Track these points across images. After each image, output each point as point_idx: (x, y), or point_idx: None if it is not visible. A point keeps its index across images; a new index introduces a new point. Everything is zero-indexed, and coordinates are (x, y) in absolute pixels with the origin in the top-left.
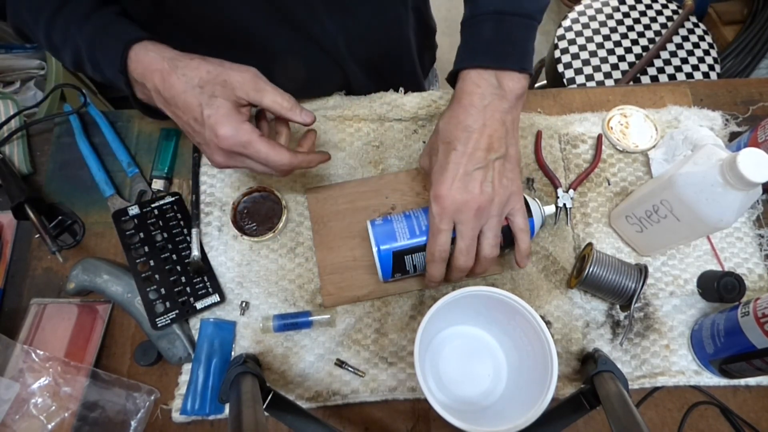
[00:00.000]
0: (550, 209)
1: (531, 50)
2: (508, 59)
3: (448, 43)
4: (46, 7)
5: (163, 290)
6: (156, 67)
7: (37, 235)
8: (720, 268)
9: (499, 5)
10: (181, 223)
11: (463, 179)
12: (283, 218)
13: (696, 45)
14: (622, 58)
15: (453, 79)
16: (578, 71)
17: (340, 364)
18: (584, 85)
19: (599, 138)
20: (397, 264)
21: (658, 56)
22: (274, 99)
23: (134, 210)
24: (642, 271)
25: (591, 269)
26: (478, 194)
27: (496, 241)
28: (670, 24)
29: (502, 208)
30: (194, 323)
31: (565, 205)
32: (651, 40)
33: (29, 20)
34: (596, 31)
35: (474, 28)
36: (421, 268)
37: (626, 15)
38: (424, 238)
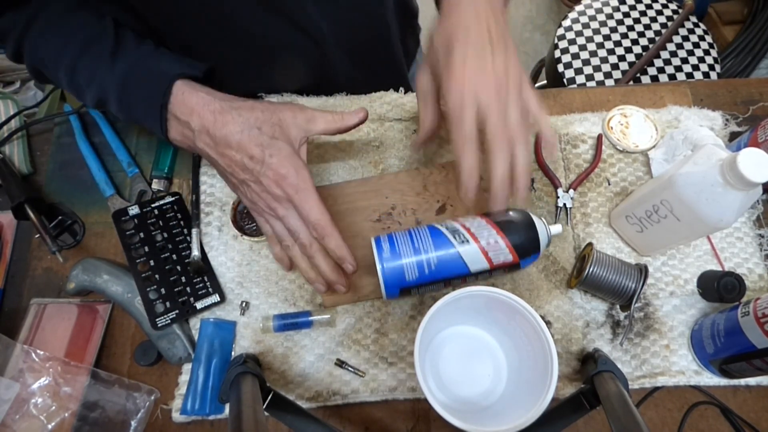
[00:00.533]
0: (556, 229)
1: None
2: None
3: None
4: (69, 50)
5: (163, 290)
6: (208, 106)
7: (37, 235)
8: (720, 268)
9: None
10: (181, 223)
11: (473, 60)
12: None
13: (696, 45)
14: (622, 58)
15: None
16: (578, 71)
17: (340, 364)
18: (584, 85)
19: (599, 138)
20: (403, 293)
21: (658, 56)
22: (326, 119)
23: (134, 210)
24: (642, 271)
25: (591, 269)
26: (491, 72)
27: (523, 115)
28: (670, 24)
29: (519, 88)
30: (194, 323)
31: (565, 205)
32: (651, 40)
33: (49, 63)
34: (596, 31)
35: None
36: (425, 292)
37: (626, 15)
38: (431, 258)
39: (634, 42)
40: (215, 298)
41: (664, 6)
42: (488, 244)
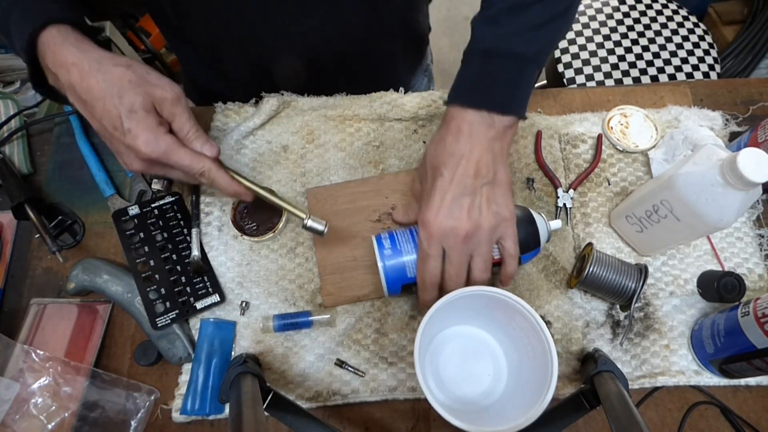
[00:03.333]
0: (556, 224)
1: (521, 92)
2: (492, 101)
3: (448, 43)
4: None
5: (163, 290)
6: (73, 61)
7: (37, 235)
8: (720, 268)
9: (488, 44)
10: (181, 223)
11: (449, 206)
12: (283, 218)
13: (696, 45)
14: (622, 58)
15: None
16: (578, 71)
17: (340, 364)
18: (584, 85)
19: (599, 138)
20: (405, 290)
21: (659, 56)
22: (180, 126)
23: (134, 210)
24: (642, 271)
25: (591, 269)
26: (465, 221)
27: (486, 266)
28: (670, 24)
29: (492, 235)
30: (194, 323)
31: (565, 205)
32: (651, 40)
33: None
34: (596, 31)
35: (465, 64)
36: None
37: (626, 15)
38: None
39: (634, 42)
40: (215, 298)
41: (664, 6)
42: None
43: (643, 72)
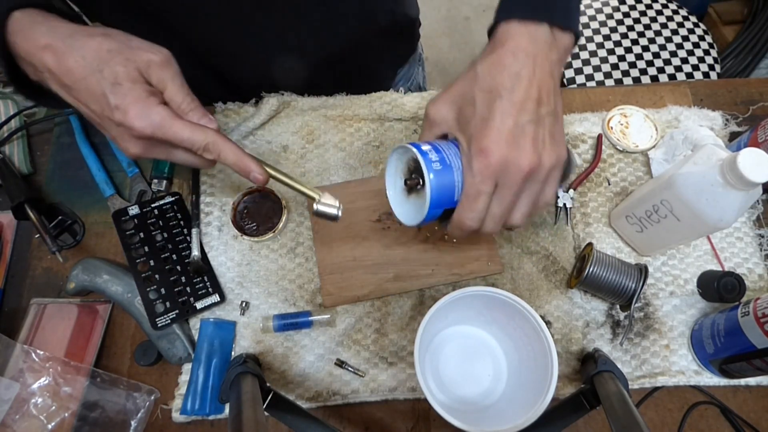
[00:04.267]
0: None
1: (577, 5)
2: (554, 12)
3: (448, 43)
4: None
5: (163, 290)
6: (45, 43)
7: (37, 235)
8: (720, 268)
9: None
10: (181, 223)
11: (513, 132)
12: (283, 218)
13: (696, 45)
14: (622, 58)
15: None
16: (578, 71)
17: (340, 364)
18: (584, 85)
19: (599, 138)
20: (443, 217)
21: (659, 56)
22: (173, 95)
23: (134, 210)
24: (642, 271)
25: (591, 269)
26: (531, 152)
27: (530, 210)
28: (670, 24)
29: (547, 175)
30: (194, 323)
31: (565, 205)
32: (651, 40)
33: None
34: (596, 31)
35: None
36: None
37: (626, 15)
38: None
39: (634, 42)
40: (215, 298)
41: (664, 6)
42: None
43: (643, 72)
